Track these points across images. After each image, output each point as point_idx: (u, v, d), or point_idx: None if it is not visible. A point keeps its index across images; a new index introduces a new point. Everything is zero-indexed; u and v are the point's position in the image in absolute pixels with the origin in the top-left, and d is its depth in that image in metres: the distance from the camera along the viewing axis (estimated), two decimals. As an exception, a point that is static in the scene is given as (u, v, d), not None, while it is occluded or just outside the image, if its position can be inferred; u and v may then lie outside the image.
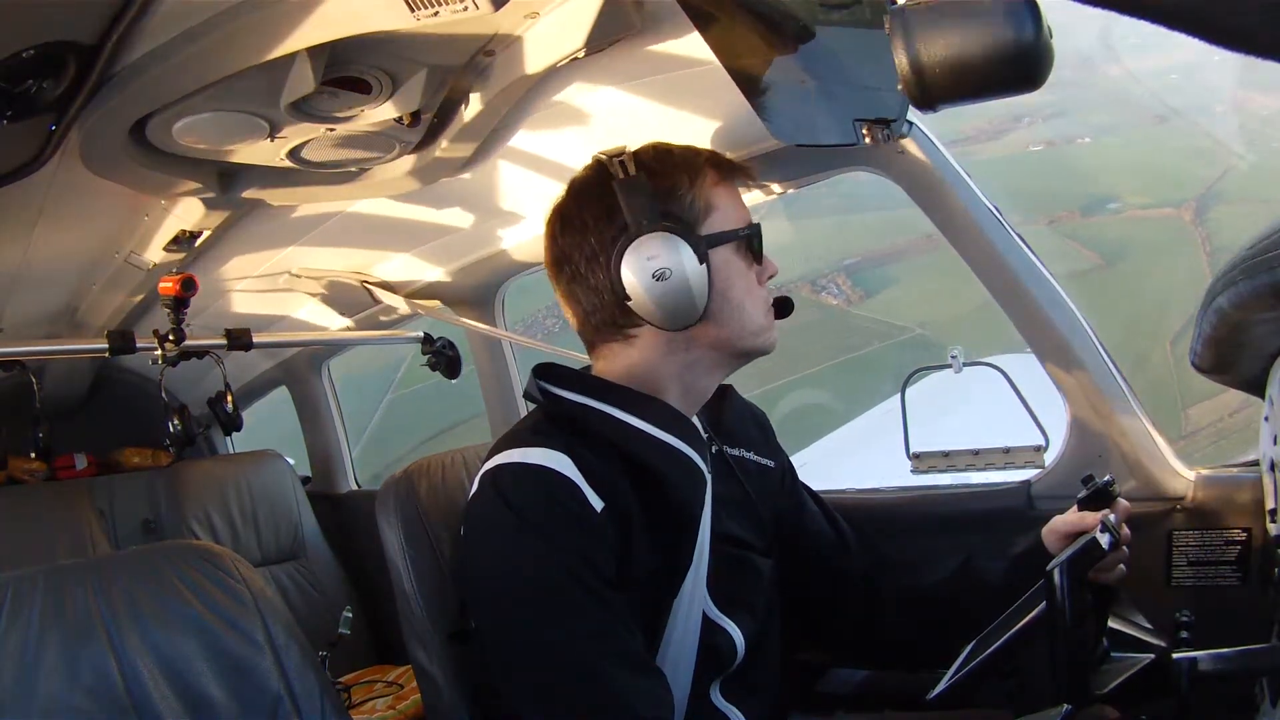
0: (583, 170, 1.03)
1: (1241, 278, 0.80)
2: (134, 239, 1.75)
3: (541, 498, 0.90)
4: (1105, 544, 0.88)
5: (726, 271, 0.98)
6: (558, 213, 1.02)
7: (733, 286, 0.99)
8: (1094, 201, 15.14)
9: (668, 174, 0.98)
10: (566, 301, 1.04)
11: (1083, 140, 16.07)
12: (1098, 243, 14.09)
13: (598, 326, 1.01)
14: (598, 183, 0.98)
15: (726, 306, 0.98)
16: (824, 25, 1.04)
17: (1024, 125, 16.47)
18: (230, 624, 1.00)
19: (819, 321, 14.40)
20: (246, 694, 0.98)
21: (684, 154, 1.01)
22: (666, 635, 0.96)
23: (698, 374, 1.02)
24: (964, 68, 0.55)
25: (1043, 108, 16.31)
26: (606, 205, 0.97)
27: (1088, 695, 0.87)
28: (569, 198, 1.02)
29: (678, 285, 0.93)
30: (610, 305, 0.98)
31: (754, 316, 1.01)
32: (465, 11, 0.93)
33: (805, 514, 1.21)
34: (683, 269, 0.93)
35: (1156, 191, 14.02)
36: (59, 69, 0.99)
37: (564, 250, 1.00)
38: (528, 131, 1.40)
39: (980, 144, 16.73)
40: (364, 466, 2.95)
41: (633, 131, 1.35)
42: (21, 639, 0.90)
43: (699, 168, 1.00)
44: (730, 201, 1.01)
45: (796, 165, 1.43)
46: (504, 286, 2.10)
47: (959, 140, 16.82)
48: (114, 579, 0.98)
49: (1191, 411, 9.26)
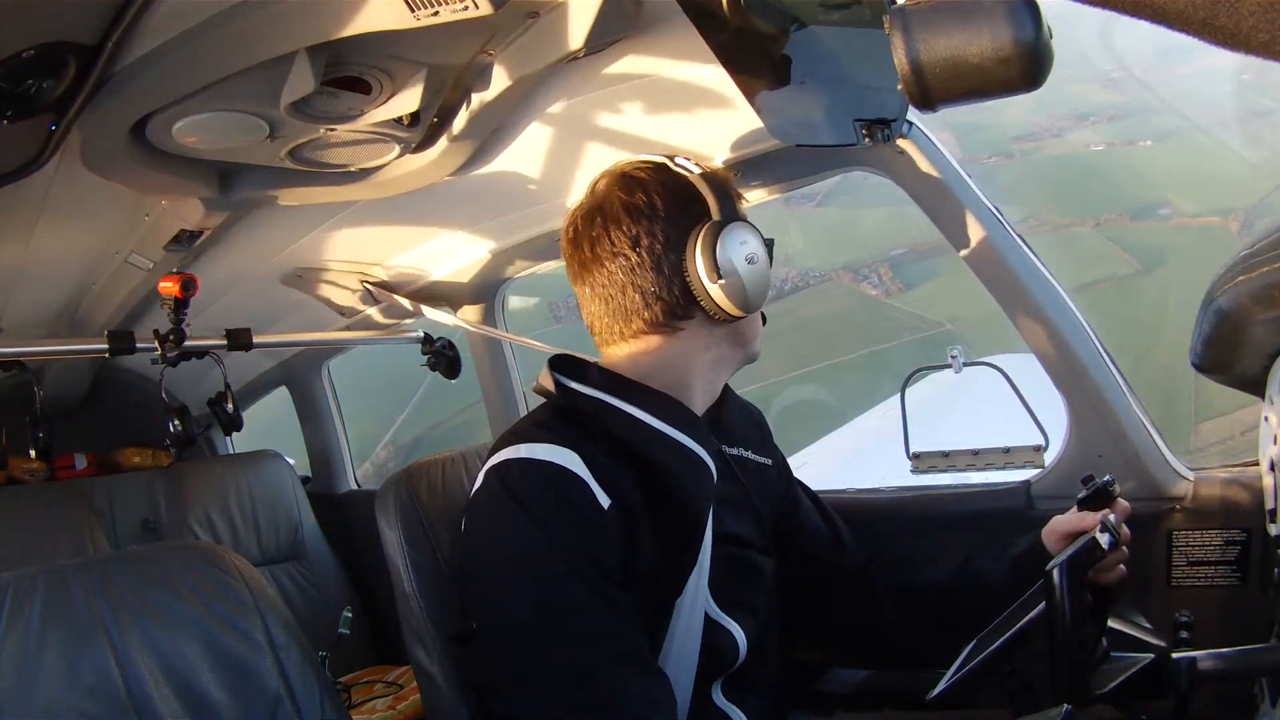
0: (634, 167, 1.01)
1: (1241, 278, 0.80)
2: (134, 239, 1.75)
3: (548, 493, 0.89)
4: (1105, 544, 0.88)
5: None
6: (611, 203, 0.99)
7: None
8: (1144, 206, 15.10)
9: (716, 177, 1.01)
10: (616, 291, 1.00)
11: (1143, 143, 16.02)
12: (1141, 248, 14.06)
13: (651, 318, 0.98)
14: (665, 176, 0.99)
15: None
16: (824, 25, 1.04)
17: (1088, 124, 16.45)
18: (230, 624, 1.00)
19: (854, 311, 14.45)
20: (246, 694, 0.98)
21: (722, 167, 1.07)
22: (669, 635, 0.96)
23: (720, 371, 1.06)
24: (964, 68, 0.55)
25: (1108, 108, 16.26)
26: (679, 197, 0.98)
27: (1088, 695, 0.87)
28: (627, 189, 0.99)
29: (762, 270, 0.97)
30: (677, 293, 0.97)
31: (759, 319, 1.07)
32: (465, 11, 0.93)
33: (801, 512, 1.22)
34: (764, 256, 0.98)
35: (1208, 199, 13.94)
36: (59, 69, 0.99)
37: (629, 237, 0.97)
38: (528, 131, 1.40)
39: (1043, 141, 16.72)
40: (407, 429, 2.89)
41: (633, 132, 1.36)
42: (21, 639, 0.90)
43: (726, 178, 1.03)
44: (748, 212, 1.06)
45: (796, 165, 1.43)
46: (504, 286, 2.10)
47: (1022, 136, 16.85)
48: (114, 579, 0.98)
49: (1203, 426, 9.18)
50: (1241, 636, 0.89)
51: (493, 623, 0.94)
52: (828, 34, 1.04)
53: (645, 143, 1.37)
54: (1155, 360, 8.84)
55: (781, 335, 14.44)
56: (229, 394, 2.24)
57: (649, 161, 1.01)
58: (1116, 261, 13.98)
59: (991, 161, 16.52)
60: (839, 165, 1.41)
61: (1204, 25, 0.40)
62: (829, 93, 1.18)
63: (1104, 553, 0.88)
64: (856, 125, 1.20)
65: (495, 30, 1.11)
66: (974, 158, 16.57)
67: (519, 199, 1.67)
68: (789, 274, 16.18)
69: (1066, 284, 1.30)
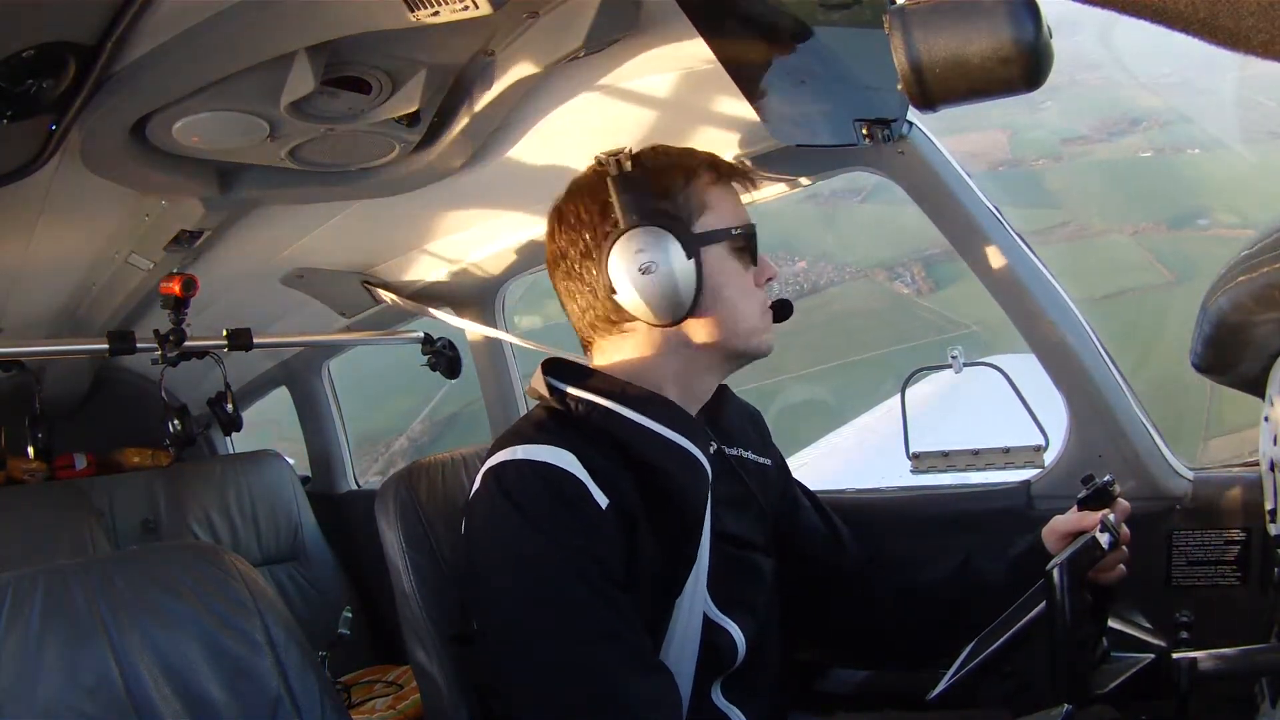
0: (588, 169, 1.04)
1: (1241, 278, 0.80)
2: (134, 239, 1.75)
3: (546, 493, 0.89)
4: (1105, 544, 0.88)
5: (719, 270, 0.99)
6: (556, 211, 1.04)
7: (726, 285, 0.99)
8: (1184, 215, 14.89)
9: (663, 172, 0.99)
10: (564, 298, 1.05)
11: (1192, 151, 15.75)
12: (1175, 258, 13.92)
13: (593, 323, 1.02)
14: (595, 182, 1.00)
15: (718, 304, 0.99)
16: (823, 25, 1.04)
17: (1140, 129, 16.18)
18: (230, 624, 1.00)
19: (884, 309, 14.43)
20: (246, 694, 0.98)
21: (681, 154, 1.03)
22: (668, 635, 0.96)
23: (695, 373, 1.03)
24: (964, 68, 0.55)
25: (1162, 112, 16.01)
26: (601, 203, 0.98)
27: (1088, 695, 0.87)
28: (567, 196, 1.04)
29: (663, 279, 0.94)
30: (604, 300, 0.99)
31: (747, 317, 1.01)
32: (465, 11, 0.93)
33: (801, 512, 1.22)
34: (669, 263, 0.94)
35: (1249, 212, 13.71)
36: (59, 69, 0.99)
37: (561, 247, 1.02)
38: (528, 131, 1.40)
39: (1093, 144, 16.51)
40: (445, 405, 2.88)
41: (633, 131, 1.36)
42: (21, 639, 0.90)
43: (695, 168, 1.01)
44: (726, 202, 1.02)
45: (797, 165, 1.43)
46: (504, 286, 2.10)
47: (1073, 139, 16.69)
48: (114, 579, 0.98)
49: (1213, 443, 9.12)
50: (1241, 636, 0.89)
51: (493, 623, 0.94)
52: (828, 34, 1.04)
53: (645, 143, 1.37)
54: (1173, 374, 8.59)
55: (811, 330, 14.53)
56: (229, 394, 2.24)
57: (597, 160, 1.00)
58: (1148, 271, 13.83)
59: (1040, 164, 16.39)
60: (839, 165, 1.41)
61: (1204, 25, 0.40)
62: (829, 93, 1.18)
63: (1104, 552, 0.88)
64: (856, 125, 1.20)
65: (495, 30, 1.11)
66: (1022, 159, 16.44)
67: (519, 199, 1.67)
68: (824, 269, 16.20)
69: (1093, 291, 1.30)
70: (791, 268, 16.59)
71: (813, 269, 16.36)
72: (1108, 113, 16.53)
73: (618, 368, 1.02)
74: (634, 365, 1.02)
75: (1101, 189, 15.75)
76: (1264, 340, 0.87)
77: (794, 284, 16.58)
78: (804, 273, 16.44)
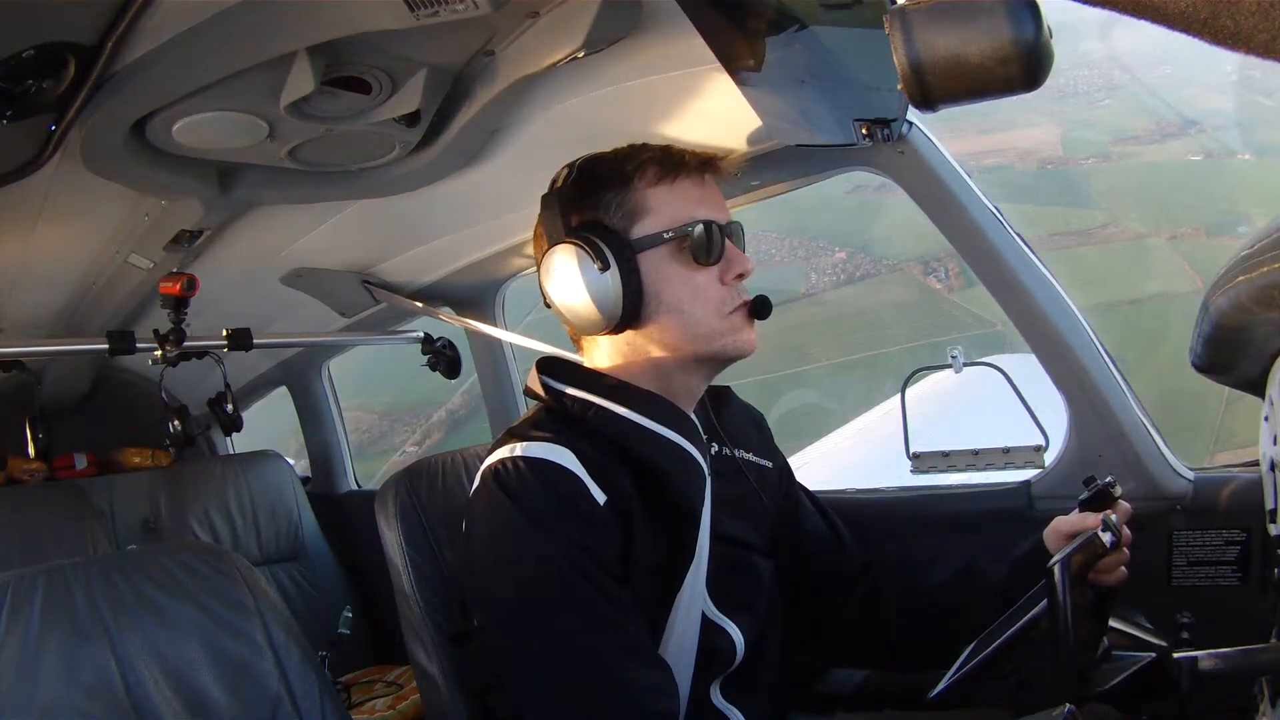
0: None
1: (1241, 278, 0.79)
2: (134, 239, 1.75)
3: (544, 490, 0.90)
4: (1107, 541, 0.88)
5: (660, 274, 0.97)
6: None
7: (667, 289, 0.97)
8: (1225, 222, 14.70)
9: (596, 181, 0.99)
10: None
11: (1243, 156, 15.58)
12: (1208, 265, 13.80)
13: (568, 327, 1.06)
14: (548, 197, 1.03)
15: (661, 309, 0.97)
16: (824, 25, 1.04)
17: (1192, 133, 15.97)
18: (230, 624, 1.00)
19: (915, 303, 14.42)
20: (246, 694, 0.98)
21: (616, 159, 1.01)
22: (667, 634, 0.96)
23: (668, 374, 1.01)
24: (964, 68, 0.55)
25: (1215, 116, 15.76)
26: (550, 214, 1.02)
27: (1089, 694, 0.87)
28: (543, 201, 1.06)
29: (583, 292, 0.96)
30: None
31: (699, 319, 0.97)
32: (465, 11, 0.93)
33: (802, 513, 1.22)
34: (588, 276, 0.95)
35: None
36: (59, 69, 0.99)
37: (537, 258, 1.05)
38: (528, 132, 1.40)
39: (1144, 145, 16.28)
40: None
41: (632, 131, 1.35)
42: (21, 639, 0.91)
43: (633, 172, 0.99)
44: (669, 201, 0.98)
45: (797, 165, 1.43)
46: (504, 286, 2.10)
47: (1125, 138, 16.52)
48: (114, 579, 0.98)
49: (1219, 456, 9.07)
50: (1241, 636, 0.89)
51: (494, 618, 0.94)
52: (828, 34, 1.04)
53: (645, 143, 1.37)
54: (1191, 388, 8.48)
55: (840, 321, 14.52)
56: (229, 394, 2.24)
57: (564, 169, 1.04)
58: (1179, 277, 13.75)
59: (1089, 163, 16.26)
60: (839, 165, 1.41)
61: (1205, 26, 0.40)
62: (829, 93, 1.18)
63: (1106, 549, 0.88)
64: (856, 125, 1.20)
65: (495, 30, 1.11)
66: (1071, 158, 16.33)
67: (519, 199, 1.67)
68: (862, 260, 16.27)
69: (1120, 295, 1.29)
70: (831, 258, 16.74)
71: (851, 260, 16.41)
72: (1165, 113, 16.32)
73: (605, 366, 1.04)
74: (616, 367, 1.03)
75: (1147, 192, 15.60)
76: (1264, 340, 0.87)
77: (831, 274, 16.82)
78: (842, 263, 16.59)
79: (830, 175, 1.46)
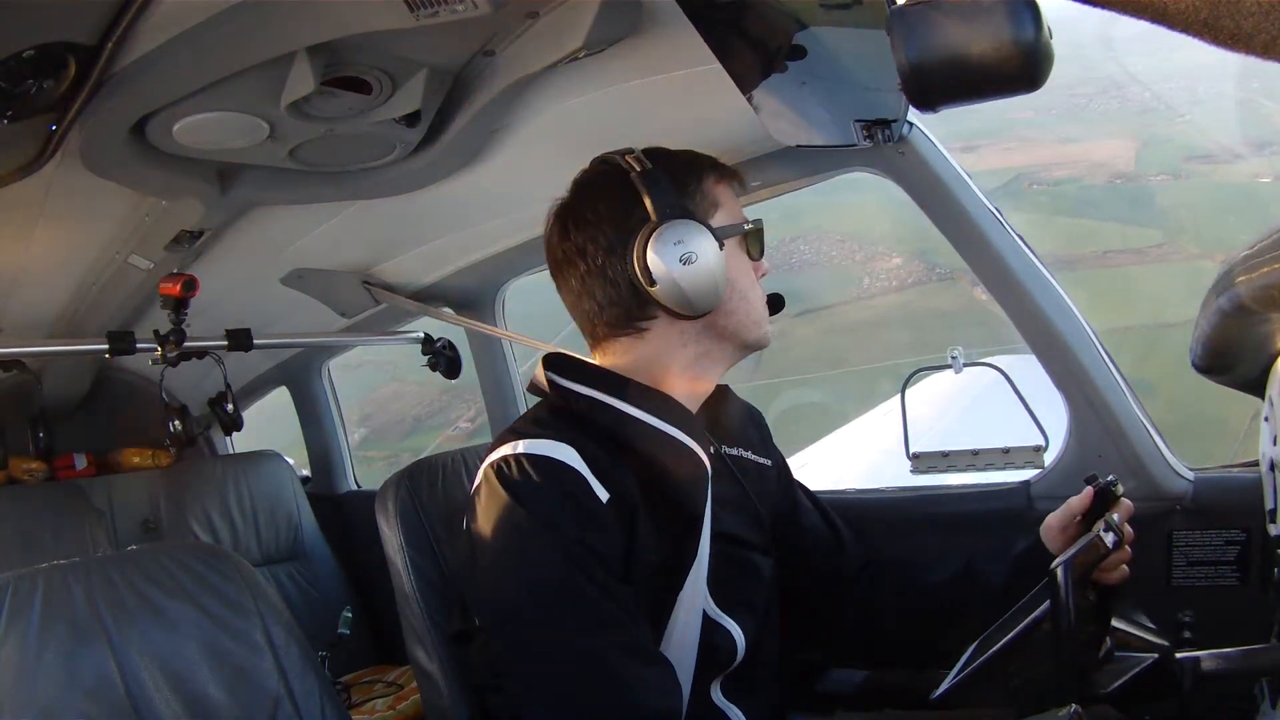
0: (588, 171, 1.05)
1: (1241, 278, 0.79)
2: (134, 239, 1.75)
3: (546, 487, 0.90)
4: (1109, 542, 0.88)
5: (735, 262, 1.01)
6: (566, 211, 1.03)
7: (740, 277, 1.02)
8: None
9: (678, 171, 1.01)
10: (576, 299, 1.04)
11: None
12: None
13: (611, 321, 1.02)
14: (609, 179, 1.01)
15: (735, 296, 1.01)
16: (824, 25, 1.04)
17: (1266, 153, 15.73)
18: (230, 624, 1.01)
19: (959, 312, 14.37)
20: (246, 694, 0.98)
21: (687, 155, 1.04)
22: (667, 633, 0.96)
23: (706, 366, 1.04)
24: (964, 68, 0.55)
25: None
26: (622, 199, 0.98)
27: (1091, 695, 0.87)
28: (578, 196, 1.03)
29: (702, 269, 0.95)
30: (627, 297, 0.99)
31: (757, 308, 1.04)
32: (465, 11, 0.93)
33: (801, 513, 1.22)
34: (707, 254, 0.95)
35: None
36: (59, 69, 0.99)
37: (577, 246, 1.01)
38: (528, 131, 1.40)
39: (1217, 164, 16.05)
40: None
41: (633, 132, 1.35)
42: (21, 639, 0.91)
43: (703, 168, 1.03)
44: (731, 200, 1.04)
45: (797, 166, 1.43)
46: (504, 286, 2.10)
47: (1198, 156, 16.23)
48: (114, 579, 0.98)
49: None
50: (1242, 636, 0.89)
51: (495, 616, 0.94)
52: (828, 34, 1.04)
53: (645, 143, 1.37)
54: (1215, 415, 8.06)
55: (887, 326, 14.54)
56: (229, 394, 2.24)
57: (605, 160, 1.02)
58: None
59: (1158, 179, 16.09)
60: (839, 166, 1.41)
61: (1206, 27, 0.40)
62: (829, 93, 1.18)
63: (1109, 551, 0.88)
64: (856, 125, 1.20)
65: (495, 30, 1.11)
66: (1143, 173, 16.13)
67: (519, 199, 1.67)
68: (915, 267, 16.14)
69: (1158, 318, 1.28)
70: (887, 263, 16.61)
71: (904, 267, 16.33)
72: (1248, 132, 15.90)
73: (624, 365, 1.02)
74: (644, 362, 1.01)
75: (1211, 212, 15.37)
76: (1264, 340, 0.87)
77: (883, 279, 16.69)
78: (896, 269, 16.48)
79: (830, 176, 1.46)
